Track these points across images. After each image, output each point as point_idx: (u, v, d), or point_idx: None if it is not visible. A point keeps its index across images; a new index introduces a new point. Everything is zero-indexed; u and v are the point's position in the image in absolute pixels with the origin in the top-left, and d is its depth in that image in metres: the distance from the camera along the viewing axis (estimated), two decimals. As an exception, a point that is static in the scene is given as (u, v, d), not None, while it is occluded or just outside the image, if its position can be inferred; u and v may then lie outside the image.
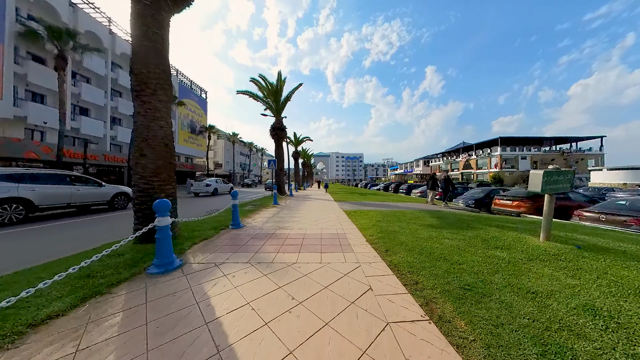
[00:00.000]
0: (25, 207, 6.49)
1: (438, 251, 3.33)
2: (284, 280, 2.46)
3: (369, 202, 11.09)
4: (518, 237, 4.19)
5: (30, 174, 6.87)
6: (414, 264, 2.84)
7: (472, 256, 3.13)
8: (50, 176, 7.37)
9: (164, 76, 3.79)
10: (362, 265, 2.88)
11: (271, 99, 16.26)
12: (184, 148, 36.46)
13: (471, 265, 2.79)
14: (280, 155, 16.21)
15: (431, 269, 2.67)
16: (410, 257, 3.07)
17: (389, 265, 2.88)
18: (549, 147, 37.20)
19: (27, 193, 6.53)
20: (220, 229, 4.92)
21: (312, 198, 13.87)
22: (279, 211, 7.98)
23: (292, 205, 9.91)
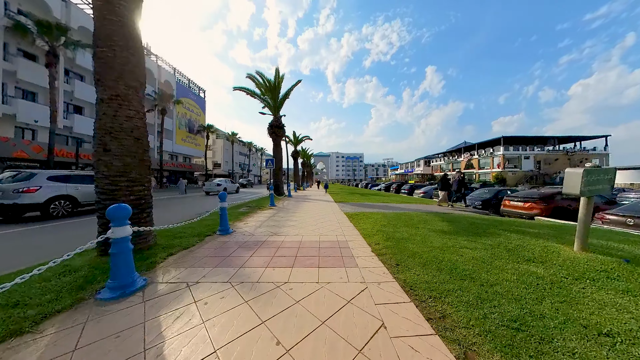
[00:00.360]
0: (72, 204, 7.64)
1: (460, 265, 2.76)
2: (269, 311, 1.89)
3: (370, 204, 10.52)
4: (546, 246, 3.62)
5: (74, 175, 8.02)
6: (434, 285, 2.27)
7: (502, 273, 2.57)
8: (90, 177, 8.26)
9: (133, 59, 3.22)
10: (370, 287, 2.31)
11: (269, 96, 15.70)
12: (181, 147, 35.93)
13: (506, 287, 2.22)
14: (278, 154, 15.65)
15: (458, 293, 2.10)
16: (427, 275, 2.51)
17: (402, 286, 2.31)
18: (553, 147, 36.61)
19: (73, 191, 7.68)
20: (206, 236, 4.36)
21: (311, 199, 13.31)
22: (275, 213, 7.41)
23: (289, 206, 9.34)
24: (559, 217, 7.90)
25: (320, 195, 16.18)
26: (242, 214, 7.08)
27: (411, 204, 10.96)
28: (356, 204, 10.21)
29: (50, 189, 7.16)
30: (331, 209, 8.60)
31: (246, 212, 7.62)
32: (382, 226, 5.08)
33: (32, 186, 6.84)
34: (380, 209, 8.47)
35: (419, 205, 10.43)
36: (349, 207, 9.21)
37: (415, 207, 9.57)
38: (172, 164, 33.00)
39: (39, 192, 6.91)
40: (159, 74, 30.89)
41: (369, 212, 7.42)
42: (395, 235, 4.23)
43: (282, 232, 4.75)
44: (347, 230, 4.90)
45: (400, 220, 5.81)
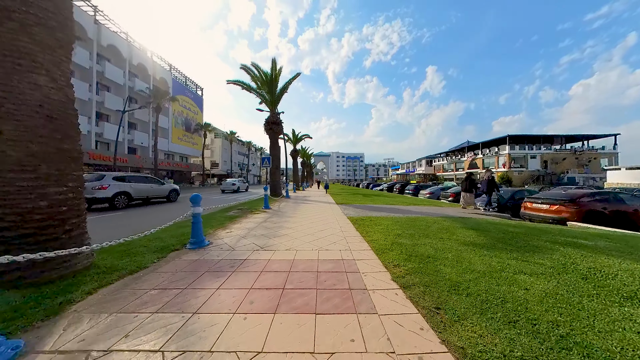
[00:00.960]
0: (127, 198, 9.58)
1: (536, 311, 1.76)
2: None
3: (376, 206, 9.51)
4: (633, 269, 2.61)
5: (129, 175, 10.31)
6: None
7: (618, 329, 1.56)
8: (138, 177, 10.91)
9: (48, 2, 2.21)
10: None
11: (265, 90, 14.69)
12: (178, 146, 34.96)
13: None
14: (275, 152, 14.64)
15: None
16: (499, 335, 1.50)
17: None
18: (560, 146, 35.53)
19: (129, 189, 9.66)
20: (172, 251, 3.36)
21: (310, 200, 12.31)
22: (268, 218, 6.41)
23: (285, 209, 8.34)
24: (593, 222, 6.89)
25: (320, 196, 15.17)
26: (229, 219, 6.08)
27: (420, 205, 9.95)
28: (360, 207, 9.21)
29: (115, 186, 9.18)
30: (332, 212, 7.60)
31: (235, 216, 6.62)
32: (396, 236, 4.07)
33: (104, 184, 8.88)
34: (389, 213, 7.46)
35: (430, 207, 9.41)
36: (352, 210, 8.20)
37: (426, 210, 8.56)
38: (167, 163, 32.01)
39: (108, 189, 8.91)
40: (154, 70, 29.93)
41: (377, 217, 6.41)
42: (418, 251, 3.23)
43: (270, 245, 3.74)
44: (353, 242, 3.89)
45: (416, 228, 4.80)
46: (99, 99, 22.62)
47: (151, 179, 11.54)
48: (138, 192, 10.08)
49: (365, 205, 9.59)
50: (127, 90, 25.60)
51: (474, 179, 9.33)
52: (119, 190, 9.18)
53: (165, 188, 11.98)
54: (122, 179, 9.59)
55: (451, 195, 13.50)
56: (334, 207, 8.86)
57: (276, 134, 14.71)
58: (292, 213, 7.34)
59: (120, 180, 9.48)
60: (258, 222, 5.77)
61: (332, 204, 10.29)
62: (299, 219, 6.21)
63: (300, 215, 6.94)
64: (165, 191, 11.95)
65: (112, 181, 9.14)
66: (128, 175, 10.24)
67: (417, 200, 13.08)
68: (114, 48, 24.09)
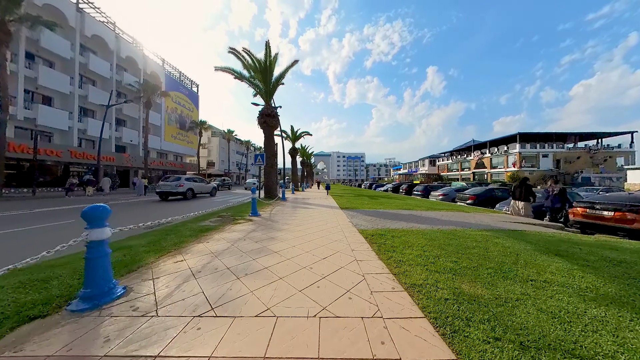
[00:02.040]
0: (192, 193, 14.26)
1: None
2: None
3: (389, 212, 7.84)
4: None
5: (193, 177, 15.25)
6: None
7: None
8: (197, 179, 15.57)
9: None
10: None
11: (259, 79, 13.05)
12: (171, 145, 33.34)
13: None
14: (270, 148, 13.00)
15: None
16: None
17: None
18: (573, 144, 33.79)
19: (194, 186, 14.54)
20: (52, 310, 1.70)
21: (309, 204, 10.64)
22: (250, 232, 4.76)
23: (277, 217, 6.67)
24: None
25: (321, 198, 13.50)
26: (197, 234, 4.43)
27: (440, 211, 8.28)
28: (370, 212, 7.54)
29: (187, 185, 13.70)
30: (337, 221, 5.93)
31: (208, 228, 4.97)
32: (451, 274, 2.41)
33: (181, 183, 13.44)
34: (410, 222, 5.80)
35: (455, 214, 7.73)
36: (362, 217, 6.53)
37: (453, 217, 6.88)
38: (159, 162, 30.39)
39: (184, 186, 13.45)
40: (145, 64, 28.30)
41: (399, 230, 4.75)
42: (516, 323, 1.56)
43: (233, 296, 2.06)
44: (380, 287, 2.21)
45: (468, 254, 3.13)
46: (82, 93, 21.00)
47: (203, 179, 16.62)
48: (198, 188, 14.96)
49: (376, 211, 7.92)
50: (114, 84, 23.99)
51: (530, 186, 7.55)
52: (189, 187, 13.78)
53: (210, 186, 16.69)
54: (191, 180, 14.47)
55: (470, 198, 11.81)
56: (338, 214, 7.19)
57: (271, 128, 13.05)
58: (285, 224, 5.66)
59: (189, 181, 14.18)
60: (233, 241, 4.11)
61: (335, 208, 8.63)
62: (292, 235, 4.55)
63: (294, 227, 5.27)
64: (210, 188, 16.55)
65: (185, 181, 13.68)
66: (193, 177, 15.29)
67: (433, 204, 11.40)
68: (100, 39, 22.46)
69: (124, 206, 10.30)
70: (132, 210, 9.07)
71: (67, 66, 19.93)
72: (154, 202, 12.50)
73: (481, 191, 11.85)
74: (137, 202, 12.42)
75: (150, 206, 10.56)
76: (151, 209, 9.68)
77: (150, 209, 9.69)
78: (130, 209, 9.58)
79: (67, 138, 20.01)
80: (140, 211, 8.99)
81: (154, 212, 8.65)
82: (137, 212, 8.67)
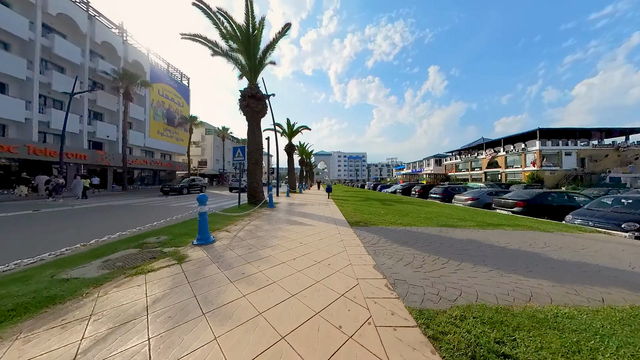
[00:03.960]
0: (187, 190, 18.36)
1: None
2: None
3: (427, 232, 4.93)
4: None
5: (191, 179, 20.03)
6: None
7: None
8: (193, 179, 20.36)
9: None
10: None
11: (240, 50, 10.15)
12: (158, 142, 30.49)
13: None
14: (255, 140, 10.10)
15: None
16: None
17: None
18: (599, 140, 30.75)
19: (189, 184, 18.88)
20: None
21: (304, 214, 7.75)
22: (156, 302, 1.82)
23: (241, 248, 3.76)
24: None
25: (320, 205, 10.59)
26: (71, 293, 1.49)
27: (503, 227, 5.37)
28: (399, 235, 4.63)
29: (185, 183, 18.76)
30: (350, 264, 3.02)
31: (113, 275, 2.07)
32: None
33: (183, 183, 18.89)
34: (489, 263, 2.89)
35: (537, 234, 4.80)
36: (395, 251, 3.62)
37: (540, 240, 3.96)
38: (144, 161, 27.55)
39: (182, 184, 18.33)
40: (125, 52, 25.43)
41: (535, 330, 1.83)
42: None
43: None
44: None
45: None
46: (44, 80, 18.14)
47: (198, 179, 20.66)
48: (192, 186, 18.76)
49: (407, 230, 5.01)
50: (86, 72, 21.14)
51: None
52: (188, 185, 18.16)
53: (201, 184, 20.53)
54: (193, 180, 19.45)
55: (518, 204, 8.90)
56: (348, 239, 4.28)
57: (256, 114, 10.15)
58: (245, 273, 2.74)
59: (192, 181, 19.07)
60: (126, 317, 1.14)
61: (342, 223, 5.72)
62: (249, 317, 1.63)
63: (261, 284, 2.38)
64: (200, 186, 20.11)
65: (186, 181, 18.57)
66: (192, 178, 19.89)
67: (471, 213, 8.49)
68: (68, 19, 19.64)
69: (16, 220, 7.23)
70: (20, 228, 6.08)
71: (24, 48, 17.09)
72: (84, 209, 9.54)
73: (532, 195, 8.93)
74: (56, 211, 9.37)
75: (62, 217, 7.42)
76: (56, 224, 6.43)
77: (53, 224, 6.42)
78: (22, 223, 6.58)
79: (25, 131, 17.17)
80: (34, 230, 5.93)
81: (48, 232, 5.73)
82: (21, 232, 5.62)
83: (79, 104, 20.82)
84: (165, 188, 16.71)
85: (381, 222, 5.93)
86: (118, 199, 13.56)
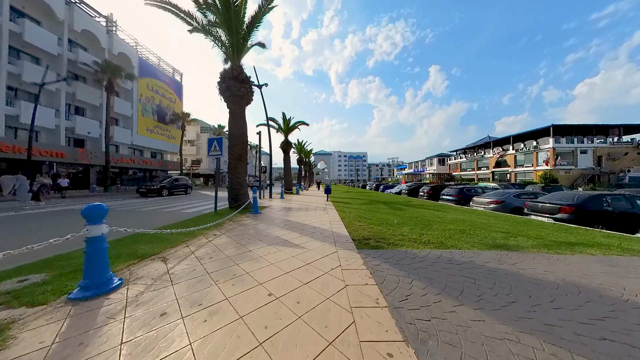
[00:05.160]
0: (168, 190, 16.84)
1: None
2: None
3: (478, 261, 3.15)
4: None
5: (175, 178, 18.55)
6: None
7: None
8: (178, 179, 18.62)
9: None
10: None
11: (220, 22, 8.37)
12: (147, 139, 28.75)
13: None
14: (237, 131, 8.33)
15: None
16: None
17: None
18: (617, 137, 28.89)
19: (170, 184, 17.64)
20: None
21: (294, 223, 5.97)
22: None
23: (179, 285, 1.96)
24: None
25: (316, 210, 8.80)
26: None
27: (593, 252, 3.59)
28: (436, 262, 2.83)
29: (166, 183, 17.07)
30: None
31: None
32: None
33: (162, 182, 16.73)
34: None
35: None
36: (453, 313, 1.83)
37: None
38: (131, 159, 25.79)
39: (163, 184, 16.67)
40: (110, 43, 23.69)
41: None
42: None
43: None
44: None
45: None
46: (14, 70, 16.39)
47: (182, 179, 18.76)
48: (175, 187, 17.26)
49: (455, 261, 3.24)
50: (64, 63, 19.41)
51: None
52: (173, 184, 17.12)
53: (186, 185, 18.64)
54: (176, 180, 17.85)
55: (563, 210, 7.11)
56: (356, 279, 2.50)
57: (239, 100, 8.37)
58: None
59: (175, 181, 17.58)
60: None
61: (343, 244, 3.93)
62: None
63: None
64: (185, 187, 18.30)
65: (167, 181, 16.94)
66: (175, 177, 18.62)
67: (517, 223, 6.72)
68: (42, 3, 17.90)
69: None
70: None
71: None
72: (20, 216, 7.84)
73: (582, 199, 7.13)
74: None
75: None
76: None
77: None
78: None
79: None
80: None
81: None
82: None
83: (56, 97, 19.09)
84: (141, 189, 14.91)
85: (399, 238, 4.14)
86: (84, 203, 11.82)
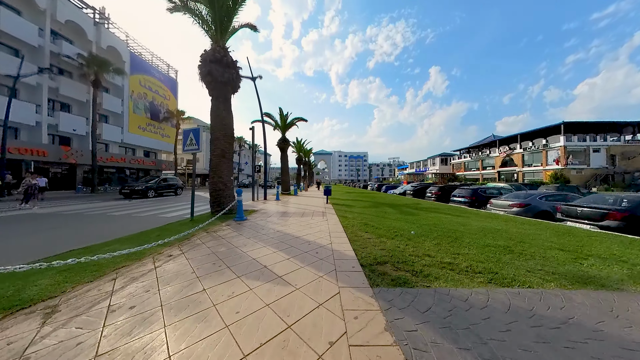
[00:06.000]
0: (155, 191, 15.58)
1: None
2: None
3: (562, 309, 1.90)
4: None
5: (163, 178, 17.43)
6: None
7: None
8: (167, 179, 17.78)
9: None
10: None
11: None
12: (139, 138, 27.52)
13: None
14: (221, 122, 7.09)
15: None
16: None
17: None
18: (632, 135, 27.59)
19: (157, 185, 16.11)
20: None
21: (283, 234, 4.74)
22: None
23: None
24: None
25: (313, 215, 7.56)
26: None
27: None
28: (499, 315, 1.60)
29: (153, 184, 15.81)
30: None
31: None
32: None
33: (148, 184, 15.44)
34: None
35: None
36: None
37: None
38: (122, 158, 24.61)
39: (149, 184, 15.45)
40: (98, 36, 22.49)
41: None
42: None
43: None
44: None
45: None
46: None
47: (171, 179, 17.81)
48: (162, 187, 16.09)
49: (523, 309, 2.00)
50: (47, 56, 18.22)
51: None
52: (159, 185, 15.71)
53: (176, 185, 17.56)
54: (165, 180, 16.57)
55: (612, 216, 5.89)
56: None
57: (222, 87, 7.14)
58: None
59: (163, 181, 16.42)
60: None
61: (347, 274, 2.68)
62: None
63: None
64: (175, 187, 17.31)
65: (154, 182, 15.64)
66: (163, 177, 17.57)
67: (563, 234, 5.51)
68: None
69: None
70: None
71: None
72: None
73: (636, 202, 5.88)
74: None
75: None
76: None
77: None
78: None
79: (-38, 122, 14.22)
80: None
81: None
82: None
83: (37, 92, 17.90)
84: (125, 190, 13.69)
85: (427, 263, 2.91)
86: (63, 204, 10.61)
